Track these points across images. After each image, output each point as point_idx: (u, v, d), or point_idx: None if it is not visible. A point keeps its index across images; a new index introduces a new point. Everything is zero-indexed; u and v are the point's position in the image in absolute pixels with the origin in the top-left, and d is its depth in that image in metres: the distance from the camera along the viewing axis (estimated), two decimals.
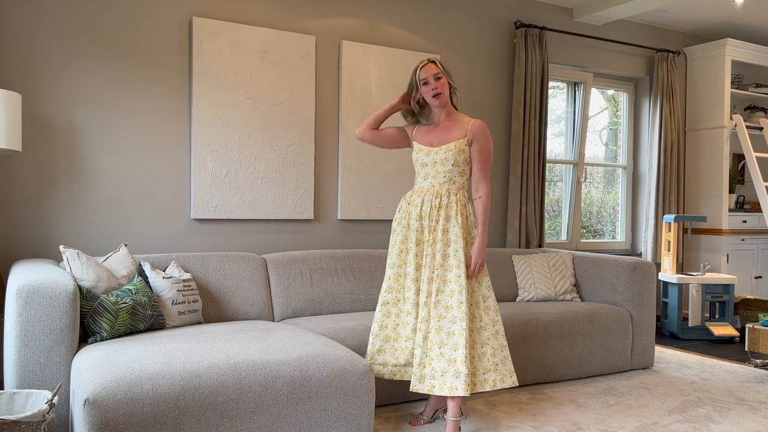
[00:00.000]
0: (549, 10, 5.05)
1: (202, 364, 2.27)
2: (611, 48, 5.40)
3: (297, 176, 3.98)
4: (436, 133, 2.92)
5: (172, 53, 3.63)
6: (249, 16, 3.85)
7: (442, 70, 2.86)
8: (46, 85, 3.33)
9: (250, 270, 3.46)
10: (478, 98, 4.75)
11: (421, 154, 2.91)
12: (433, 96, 2.85)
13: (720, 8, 5.20)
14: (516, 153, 4.76)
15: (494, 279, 4.24)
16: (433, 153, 2.87)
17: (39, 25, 3.30)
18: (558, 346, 3.63)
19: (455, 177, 2.85)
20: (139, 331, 2.82)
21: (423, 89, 2.87)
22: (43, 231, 3.34)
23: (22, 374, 2.40)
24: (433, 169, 2.86)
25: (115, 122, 3.50)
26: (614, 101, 5.88)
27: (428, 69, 2.86)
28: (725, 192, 5.57)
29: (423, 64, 2.87)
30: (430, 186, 2.87)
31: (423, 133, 2.97)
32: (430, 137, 2.93)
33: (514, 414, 3.09)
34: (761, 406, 3.26)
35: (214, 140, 3.72)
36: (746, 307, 5.24)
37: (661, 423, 2.98)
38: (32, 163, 3.31)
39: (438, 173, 2.85)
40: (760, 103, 6.27)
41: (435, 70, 2.85)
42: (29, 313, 2.39)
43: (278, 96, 3.90)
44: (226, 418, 2.24)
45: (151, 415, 2.12)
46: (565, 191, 5.47)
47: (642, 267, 3.98)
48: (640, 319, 3.96)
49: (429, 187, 2.88)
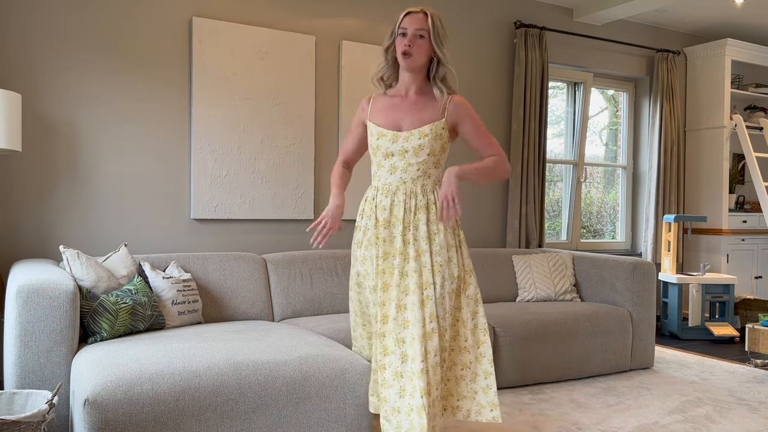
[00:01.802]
0: (549, 10, 5.05)
1: (202, 364, 2.27)
2: (611, 48, 5.39)
3: (297, 176, 3.98)
4: (403, 112, 2.29)
5: (172, 53, 3.63)
6: (249, 16, 3.85)
7: (430, 29, 2.23)
8: (46, 85, 3.33)
9: (250, 270, 3.46)
10: (478, 98, 4.74)
11: (383, 140, 2.27)
12: (402, 53, 2.23)
13: (720, 8, 5.20)
14: (516, 153, 4.76)
15: (494, 279, 4.23)
16: (402, 139, 2.24)
17: (39, 26, 3.30)
18: (558, 346, 3.63)
19: (430, 170, 2.26)
20: (139, 331, 2.82)
21: (398, 41, 2.26)
22: (43, 231, 3.34)
23: (22, 374, 2.39)
24: (402, 161, 2.25)
25: (116, 122, 3.50)
26: (614, 101, 5.88)
27: (414, 19, 2.24)
28: (725, 192, 5.56)
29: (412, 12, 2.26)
30: (400, 182, 2.24)
31: (383, 110, 2.32)
32: (394, 116, 2.29)
33: (515, 414, 3.09)
34: (761, 406, 3.26)
35: (214, 140, 3.72)
36: (746, 307, 5.23)
37: (661, 423, 2.98)
38: (32, 163, 3.31)
39: (410, 165, 2.23)
40: (760, 103, 6.27)
41: (420, 25, 2.22)
42: (29, 313, 2.39)
43: (278, 96, 3.90)
44: (226, 418, 2.24)
45: (150, 415, 2.12)
46: (565, 191, 5.47)
47: (642, 267, 3.98)
48: (640, 319, 3.96)
49: (399, 183, 2.25)
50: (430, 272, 2.18)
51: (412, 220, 2.22)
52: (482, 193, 4.76)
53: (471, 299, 2.26)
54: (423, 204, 2.23)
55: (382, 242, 2.23)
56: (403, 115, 2.28)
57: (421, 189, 2.24)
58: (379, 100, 2.36)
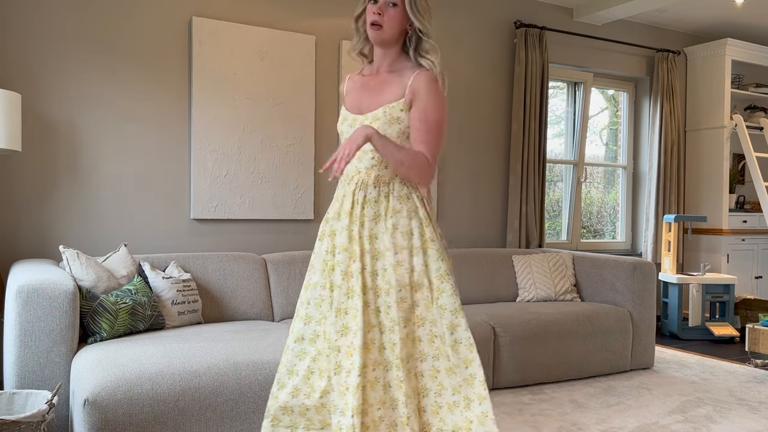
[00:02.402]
0: (549, 10, 5.05)
1: (202, 364, 2.27)
2: (611, 48, 5.39)
3: (297, 176, 3.97)
4: (367, 93, 2.04)
5: (171, 53, 3.63)
6: (249, 16, 3.85)
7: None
8: (46, 85, 3.33)
9: (249, 270, 3.46)
10: (478, 98, 4.74)
11: (344, 125, 2.05)
12: (371, 23, 1.95)
13: (720, 8, 5.20)
14: (516, 153, 4.76)
15: (494, 279, 4.22)
16: (358, 123, 2.00)
17: (39, 26, 3.30)
18: (558, 346, 3.63)
19: None
20: (139, 331, 2.82)
21: (368, 8, 1.97)
22: (42, 231, 3.33)
23: (22, 374, 2.39)
24: None
25: (115, 122, 3.50)
26: (614, 101, 5.88)
27: None
28: (725, 192, 5.56)
29: None
30: (356, 171, 1.98)
31: (353, 92, 2.11)
32: (359, 98, 2.06)
33: (515, 414, 3.09)
34: (761, 407, 3.25)
35: (214, 140, 3.72)
36: (746, 307, 5.23)
37: (661, 423, 2.98)
38: (32, 163, 3.31)
39: (365, 153, 1.97)
40: (760, 103, 6.27)
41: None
42: (29, 313, 2.39)
43: (278, 96, 3.90)
44: (226, 418, 2.24)
45: (150, 415, 2.12)
46: (565, 191, 5.47)
47: (642, 267, 3.98)
48: (640, 319, 3.95)
49: (354, 173, 1.99)
50: (370, 275, 1.91)
51: (359, 214, 1.94)
52: (482, 193, 4.76)
53: (446, 310, 1.90)
54: (373, 197, 1.95)
55: (330, 236, 1.99)
56: (366, 95, 2.03)
57: (374, 180, 1.95)
58: (353, 80, 2.14)
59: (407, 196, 1.95)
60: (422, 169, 1.90)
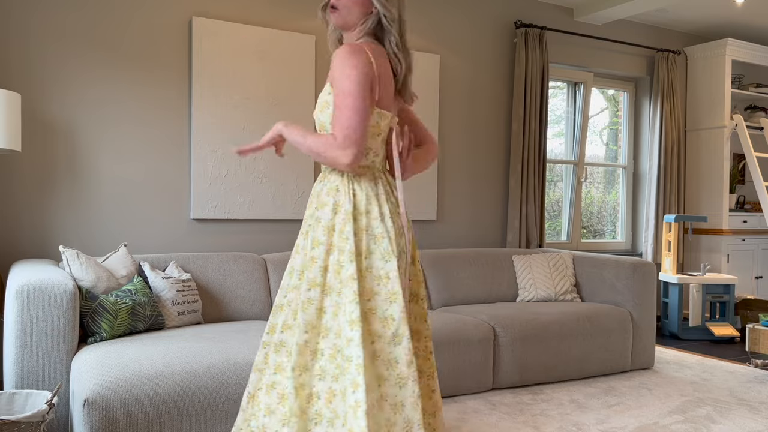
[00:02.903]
0: (549, 10, 5.04)
1: (201, 365, 2.27)
2: (611, 48, 5.39)
3: (297, 176, 3.97)
4: None
5: (171, 53, 3.63)
6: (249, 15, 3.85)
7: None
8: (46, 85, 3.33)
9: (249, 270, 3.46)
10: (478, 98, 4.74)
11: None
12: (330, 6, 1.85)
13: (720, 8, 5.19)
14: (516, 153, 4.76)
15: (494, 279, 4.22)
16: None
17: (39, 25, 3.30)
18: (558, 347, 3.62)
19: None
20: (139, 331, 2.82)
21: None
22: (42, 231, 3.33)
23: (22, 374, 2.39)
24: None
25: (115, 122, 3.50)
26: (614, 101, 5.88)
27: None
28: (725, 192, 5.56)
29: None
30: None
31: None
32: None
33: (515, 414, 3.09)
34: (762, 407, 3.25)
35: (214, 140, 3.71)
36: (747, 308, 5.23)
37: (661, 423, 2.98)
38: (32, 163, 3.31)
39: None
40: (761, 102, 6.27)
41: None
42: (29, 313, 2.39)
43: (278, 96, 3.90)
44: (226, 418, 2.23)
45: (150, 415, 2.12)
46: (565, 191, 5.47)
47: (642, 267, 3.98)
48: (640, 320, 3.95)
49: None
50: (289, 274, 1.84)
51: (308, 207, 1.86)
52: (482, 193, 4.76)
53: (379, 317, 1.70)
54: (316, 191, 1.84)
55: None
56: None
57: (321, 173, 1.87)
58: None
59: (336, 189, 1.79)
60: (330, 151, 1.69)
